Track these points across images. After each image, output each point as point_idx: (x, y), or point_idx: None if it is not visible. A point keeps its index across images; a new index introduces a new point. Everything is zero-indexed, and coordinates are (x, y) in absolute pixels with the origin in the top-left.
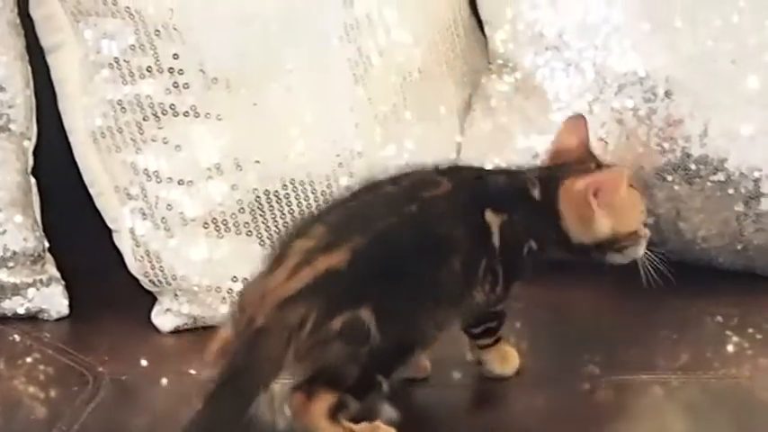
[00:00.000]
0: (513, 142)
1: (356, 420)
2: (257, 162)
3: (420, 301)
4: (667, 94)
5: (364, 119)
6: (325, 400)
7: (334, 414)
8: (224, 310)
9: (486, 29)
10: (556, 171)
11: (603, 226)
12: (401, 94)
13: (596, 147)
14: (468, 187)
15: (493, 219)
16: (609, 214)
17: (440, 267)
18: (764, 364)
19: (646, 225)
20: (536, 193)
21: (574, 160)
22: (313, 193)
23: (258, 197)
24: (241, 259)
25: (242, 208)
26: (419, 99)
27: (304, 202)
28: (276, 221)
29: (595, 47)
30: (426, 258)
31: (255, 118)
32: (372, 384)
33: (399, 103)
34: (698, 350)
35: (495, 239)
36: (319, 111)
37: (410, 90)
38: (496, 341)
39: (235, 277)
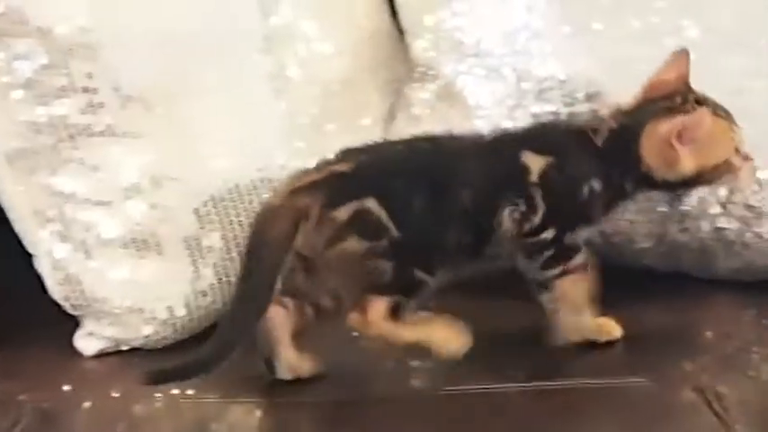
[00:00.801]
0: None
1: None
2: (177, 180)
3: (430, 210)
4: (589, 97)
5: (285, 132)
6: (378, 306)
7: (395, 315)
8: (147, 331)
9: (407, 37)
10: (636, 115)
11: (689, 165)
12: (322, 105)
13: None
14: (503, 134)
15: (534, 160)
16: (694, 152)
17: (446, 191)
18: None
19: (739, 152)
20: (600, 142)
21: (666, 94)
22: (235, 209)
23: (179, 215)
24: (163, 279)
25: (163, 227)
26: (341, 110)
27: (225, 219)
28: (198, 239)
29: (515, 52)
30: (431, 177)
31: (174, 135)
32: (414, 281)
33: (321, 115)
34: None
35: (534, 179)
36: (239, 125)
37: (332, 101)
38: (566, 273)
39: (158, 297)
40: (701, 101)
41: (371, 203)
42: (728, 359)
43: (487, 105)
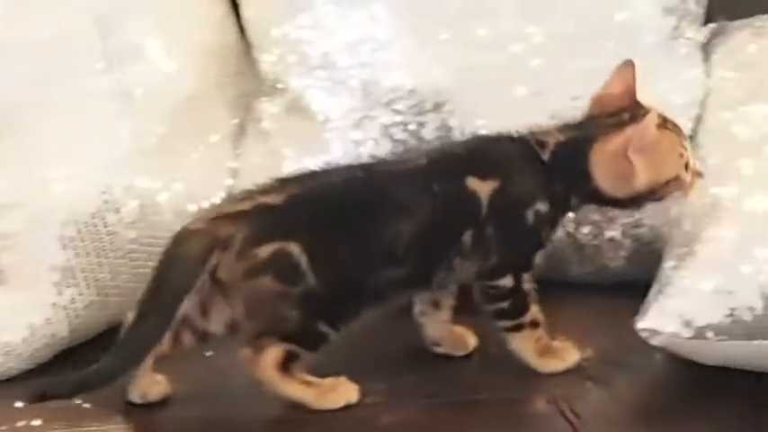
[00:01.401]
0: (285, 165)
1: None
2: (20, 205)
3: (356, 254)
4: (436, 106)
5: (131, 153)
6: (272, 352)
7: (286, 365)
8: None
9: (254, 51)
10: (584, 130)
11: (641, 180)
12: (168, 124)
13: None
14: (444, 155)
15: (480, 185)
16: (646, 167)
17: (381, 227)
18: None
19: (688, 168)
20: (546, 156)
21: (613, 110)
22: (79, 233)
23: (23, 242)
24: (7, 307)
25: (5, 255)
26: (189, 128)
27: (69, 243)
28: (42, 264)
29: (362, 64)
30: (364, 214)
31: (14, 159)
32: (317, 334)
33: (167, 134)
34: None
35: (483, 207)
36: (82, 147)
37: (178, 119)
38: (517, 328)
39: (7, 327)
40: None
41: (294, 248)
42: (583, 368)
43: (336, 118)
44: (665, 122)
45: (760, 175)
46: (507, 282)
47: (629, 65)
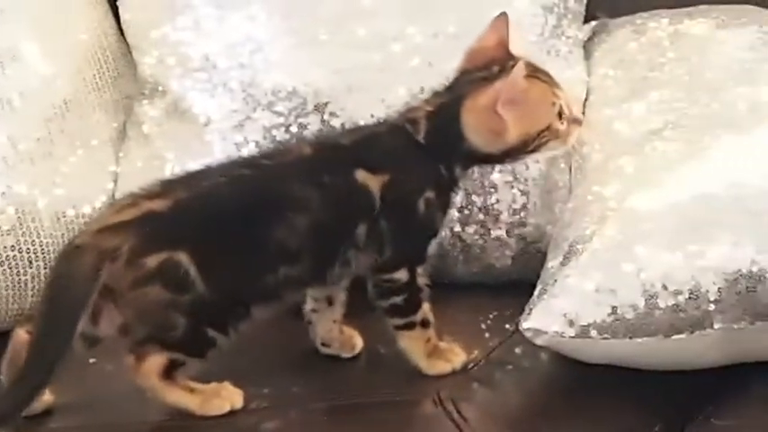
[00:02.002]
0: (167, 168)
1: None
2: None
3: (248, 256)
4: (317, 108)
5: (6, 158)
6: (155, 360)
7: (170, 373)
8: None
9: (134, 54)
10: (453, 91)
11: (513, 133)
12: (46, 129)
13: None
14: (333, 148)
15: (370, 179)
16: (516, 120)
17: (273, 225)
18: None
19: (563, 115)
20: (421, 136)
21: (483, 63)
22: None
23: None
24: None
25: None
26: (67, 132)
27: None
28: None
29: (241, 65)
30: (255, 214)
31: None
32: (205, 339)
33: (45, 138)
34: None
35: (376, 201)
36: None
37: (56, 124)
38: (409, 326)
39: None
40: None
41: (182, 257)
42: (469, 369)
43: (217, 120)
44: (534, 72)
45: (641, 173)
46: (402, 275)
47: (502, 18)
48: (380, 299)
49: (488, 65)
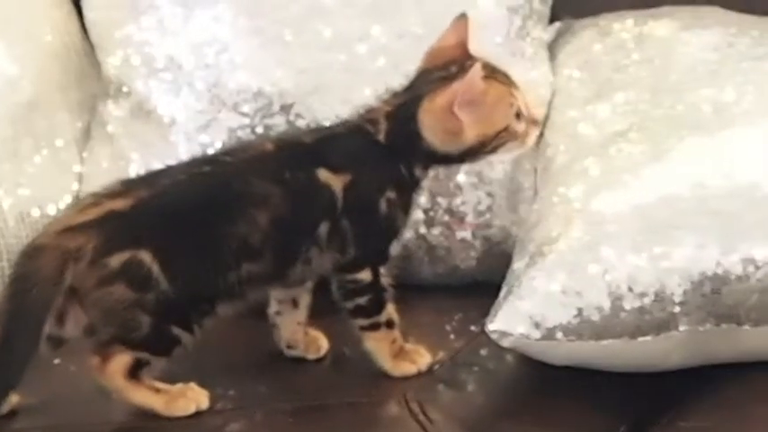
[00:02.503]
0: (132, 169)
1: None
2: None
3: (210, 253)
4: (283, 108)
5: None
6: (120, 360)
7: (135, 372)
8: None
9: (99, 53)
10: (411, 91)
11: (470, 134)
12: (11, 128)
13: None
14: (296, 146)
15: (332, 179)
16: (473, 120)
17: (234, 221)
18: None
19: (520, 116)
20: (381, 136)
21: (442, 64)
22: None
23: None
24: None
25: None
26: (32, 132)
27: None
28: None
29: (206, 66)
30: (216, 211)
31: None
32: (170, 338)
33: (9, 138)
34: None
35: (338, 200)
36: None
37: (21, 123)
38: (374, 327)
39: None
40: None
41: (145, 256)
42: (434, 370)
43: (182, 121)
44: (492, 73)
45: (606, 175)
46: (365, 276)
47: (463, 18)
48: (345, 300)
49: (447, 65)
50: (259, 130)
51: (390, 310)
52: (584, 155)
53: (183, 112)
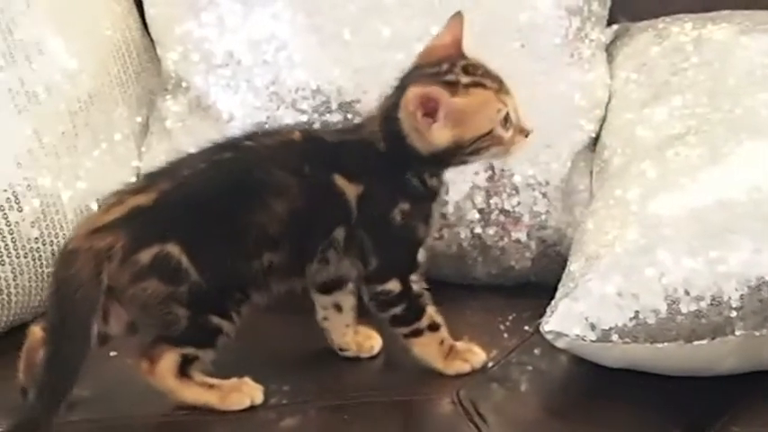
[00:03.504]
0: None
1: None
2: None
3: (234, 241)
4: (341, 106)
5: (31, 151)
6: (168, 359)
7: (185, 370)
8: None
9: (158, 49)
10: (397, 91)
11: (441, 137)
12: (71, 122)
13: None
14: (319, 144)
15: (347, 187)
16: (447, 124)
17: (254, 209)
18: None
19: (508, 122)
20: (382, 145)
21: (434, 60)
22: None
23: None
24: None
25: None
26: (91, 126)
27: None
28: None
29: (265, 63)
30: (236, 199)
31: None
32: (210, 327)
33: (69, 132)
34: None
35: (353, 210)
36: None
37: (80, 118)
38: (416, 333)
39: None
40: (469, 68)
41: (173, 248)
42: (487, 369)
43: (240, 117)
44: (482, 77)
45: (663, 178)
46: (394, 286)
47: (458, 16)
48: (380, 311)
49: (439, 62)
50: (317, 127)
51: (431, 313)
52: (641, 158)
53: (241, 109)
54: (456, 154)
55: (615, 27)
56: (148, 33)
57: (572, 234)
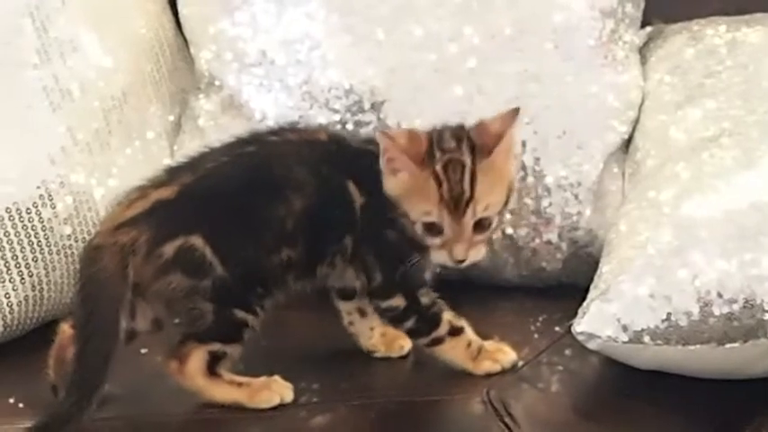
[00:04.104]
0: None
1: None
2: None
3: (255, 233)
4: (374, 106)
5: (64, 148)
6: (196, 358)
7: (213, 368)
8: None
9: (192, 48)
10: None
11: (389, 183)
12: (104, 119)
13: None
14: (343, 149)
15: (356, 195)
16: (397, 181)
17: (274, 203)
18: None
19: (439, 234)
20: None
21: (470, 131)
22: (14, 227)
23: None
24: None
25: None
26: (124, 124)
27: (4, 238)
28: None
29: (298, 62)
30: (257, 193)
31: None
32: (235, 322)
33: (103, 129)
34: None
35: (358, 219)
36: (14, 142)
37: (113, 115)
38: (437, 341)
39: None
40: (451, 165)
41: (196, 240)
42: (518, 369)
43: (272, 116)
44: (440, 179)
45: (697, 180)
46: (398, 302)
47: (515, 112)
48: (393, 325)
49: (461, 139)
50: (349, 126)
51: (448, 319)
52: (675, 159)
53: (274, 108)
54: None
55: (649, 29)
56: (182, 32)
57: (603, 235)
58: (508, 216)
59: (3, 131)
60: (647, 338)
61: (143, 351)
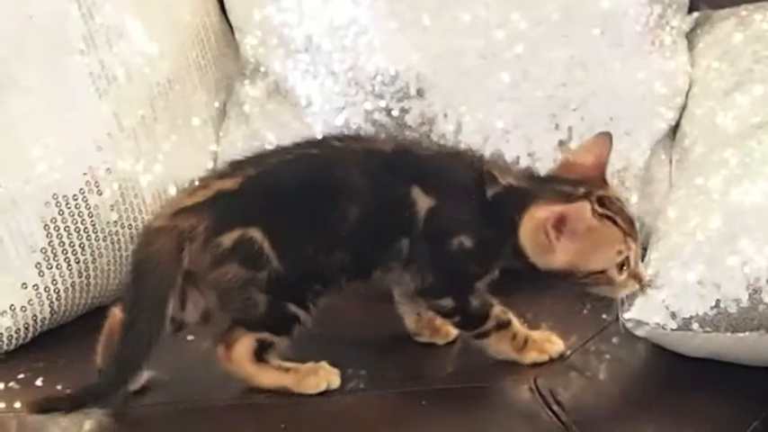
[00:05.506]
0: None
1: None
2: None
3: (312, 232)
4: (419, 92)
5: (111, 134)
6: (244, 344)
7: (260, 355)
8: None
9: (237, 34)
10: (536, 185)
11: (559, 259)
12: (150, 106)
13: None
14: (408, 158)
15: (420, 198)
16: (570, 249)
17: (331, 206)
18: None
19: (625, 266)
20: (490, 194)
21: (574, 179)
22: (60, 214)
23: (4, 221)
24: None
25: None
26: (170, 110)
27: (51, 225)
28: (23, 245)
29: (344, 48)
30: (316, 194)
31: None
32: (287, 315)
33: (148, 116)
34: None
35: (420, 221)
36: (61, 128)
37: (159, 102)
38: (483, 335)
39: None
40: (605, 200)
41: (255, 232)
42: (565, 358)
43: (318, 102)
44: (616, 213)
45: (745, 166)
46: (447, 303)
47: (605, 137)
48: (441, 317)
49: (578, 183)
50: (395, 113)
51: (496, 314)
52: (723, 146)
53: (320, 94)
54: (565, 279)
55: (696, 14)
56: (227, 18)
57: (651, 222)
58: None
59: (49, 118)
60: (695, 326)
61: (189, 338)
